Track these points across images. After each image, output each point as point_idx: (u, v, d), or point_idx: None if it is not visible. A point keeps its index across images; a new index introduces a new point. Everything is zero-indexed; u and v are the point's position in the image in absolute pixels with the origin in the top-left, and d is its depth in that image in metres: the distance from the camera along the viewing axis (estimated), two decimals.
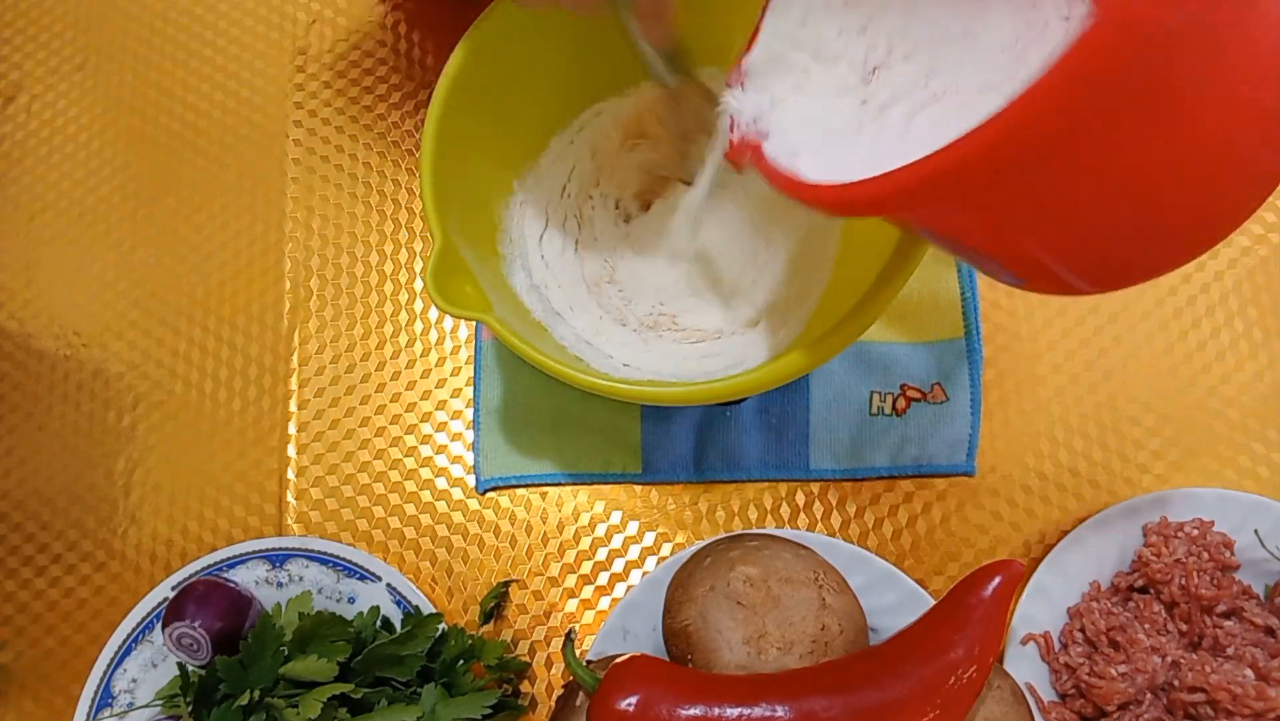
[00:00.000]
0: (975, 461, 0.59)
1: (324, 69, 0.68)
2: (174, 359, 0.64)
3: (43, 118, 0.69)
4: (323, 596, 0.56)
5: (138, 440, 0.62)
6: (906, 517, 0.58)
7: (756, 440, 0.59)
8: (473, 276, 0.50)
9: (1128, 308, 0.61)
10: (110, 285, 0.65)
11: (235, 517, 0.61)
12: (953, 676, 0.46)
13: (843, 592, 0.51)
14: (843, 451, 0.59)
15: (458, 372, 0.62)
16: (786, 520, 0.59)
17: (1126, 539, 0.55)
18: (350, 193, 0.66)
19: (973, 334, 0.60)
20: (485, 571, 0.59)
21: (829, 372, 0.60)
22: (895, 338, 0.60)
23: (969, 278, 0.61)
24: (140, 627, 0.56)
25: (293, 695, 0.49)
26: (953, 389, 0.59)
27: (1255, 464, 0.58)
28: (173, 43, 0.70)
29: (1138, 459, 0.58)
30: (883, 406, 0.59)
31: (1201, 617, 0.52)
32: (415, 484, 0.61)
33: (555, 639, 0.58)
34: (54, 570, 0.61)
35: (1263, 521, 0.54)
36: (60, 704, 0.58)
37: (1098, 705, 0.51)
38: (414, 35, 0.69)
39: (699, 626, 0.49)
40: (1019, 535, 0.58)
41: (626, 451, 0.60)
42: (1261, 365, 0.59)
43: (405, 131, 0.67)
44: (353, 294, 0.64)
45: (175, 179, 0.67)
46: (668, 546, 0.59)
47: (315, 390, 0.62)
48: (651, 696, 0.45)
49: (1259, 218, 0.61)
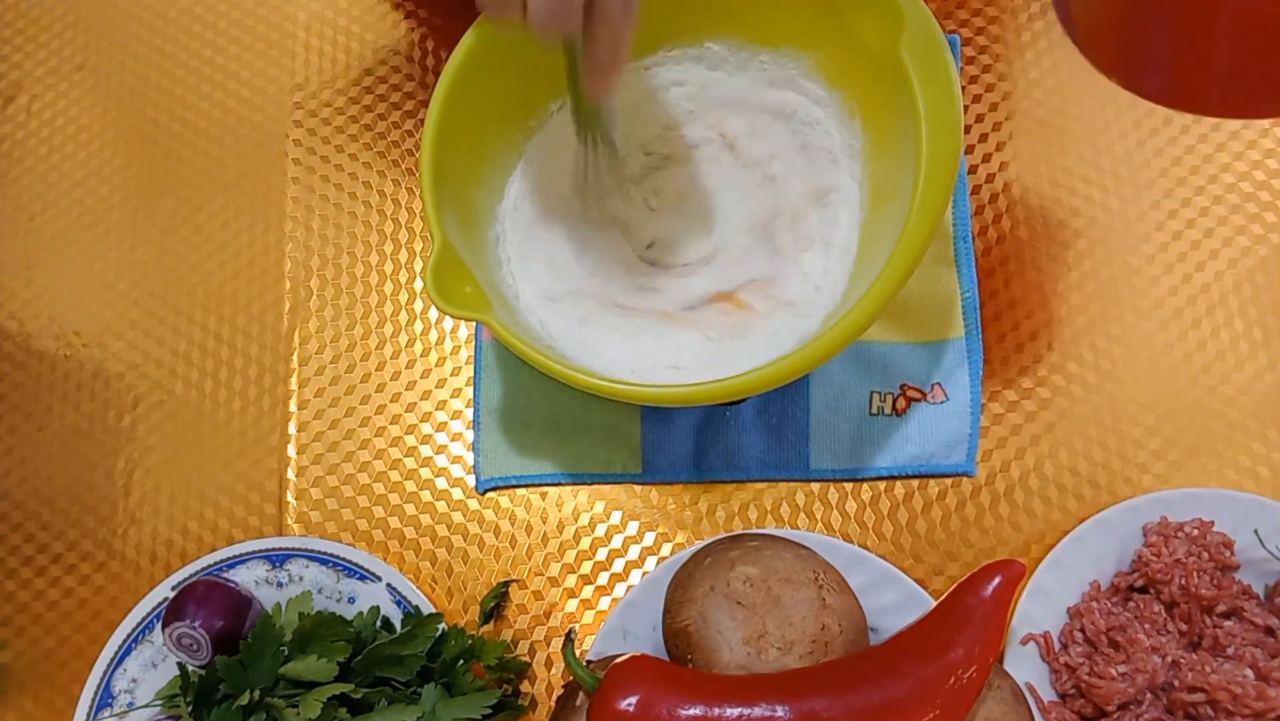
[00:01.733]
0: (975, 461, 0.59)
1: (324, 70, 0.68)
2: (174, 359, 0.64)
3: (43, 118, 0.69)
4: (323, 596, 0.56)
5: (138, 440, 0.62)
6: (906, 517, 0.58)
7: (756, 440, 0.59)
8: (472, 277, 0.50)
9: (1128, 307, 0.61)
10: (110, 285, 0.65)
11: (235, 517, 0.61)
12: (953, 676, 0.46)
13: (843, 592, 0.51)
14: (843, 451, 0.59)
15: (458, 373, 0.62)
16: (786, 520, 0.59)
17: (1126, 539, 0.55)
18: (350, 192, 0.66)
19: (973, 334, 0.60)
20: (485, 571, 0.59)
21: (829, 373, 0.60)
22: (895, 337, 0.60)
23: (969, 277, 0.61)
24: (140, 627, 0.56)
25: (293, 695, 0.49)
26: (953, 389, 0.59)
27: (1255, 464, 0.58)
28: (173, 43, 0.70)
29: (1138, 459, 0.58)
30: (883, 406, 0.59)
31: (1201, 617, 0.52)
32: (415, 484, 0.61)
33: (555, 639, 0.58)
34: (54, 570, 0.61)
35: (1263, 521, 0.54)
36: (60, 704, 0.58)
37: (1098, 705, 0.51)
38: (414, 35, 0.69)
39: (699, 626, 0.49)
40: (1019, 535, 0.58)
41: (626, 451, 0.60)
42: (1261, 365, 0.59)
43: (405, 132, 0.67)
44: (353, 294, 0.64)
45: (175, 179, 0.67)
46: (668, 546, 0.59)
47: (315, 390, 0.62)
48: (651, 696, 0.45)
49: (1259, 218, 0.61)
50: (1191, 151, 0.63)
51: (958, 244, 0.61)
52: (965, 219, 0.62)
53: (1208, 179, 0.62)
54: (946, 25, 0.66)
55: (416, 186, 0.66)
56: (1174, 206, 0.62)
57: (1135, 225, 0.62)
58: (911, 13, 0.48)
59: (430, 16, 0.69)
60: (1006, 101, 0.65)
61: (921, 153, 0.47)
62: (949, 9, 0.66)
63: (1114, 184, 0.63)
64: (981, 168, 0.64)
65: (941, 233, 0.62)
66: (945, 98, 0.47)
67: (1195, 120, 0.63)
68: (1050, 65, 0.65)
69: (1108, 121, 0.64)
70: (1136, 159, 0.63)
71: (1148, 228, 0.62)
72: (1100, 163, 0.63)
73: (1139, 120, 0.64)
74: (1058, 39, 0.65)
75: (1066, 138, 0.64)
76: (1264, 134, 0.63)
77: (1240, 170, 0.62)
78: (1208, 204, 0.62)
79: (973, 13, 0.66)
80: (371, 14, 0.69)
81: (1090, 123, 0.64)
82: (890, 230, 0.49)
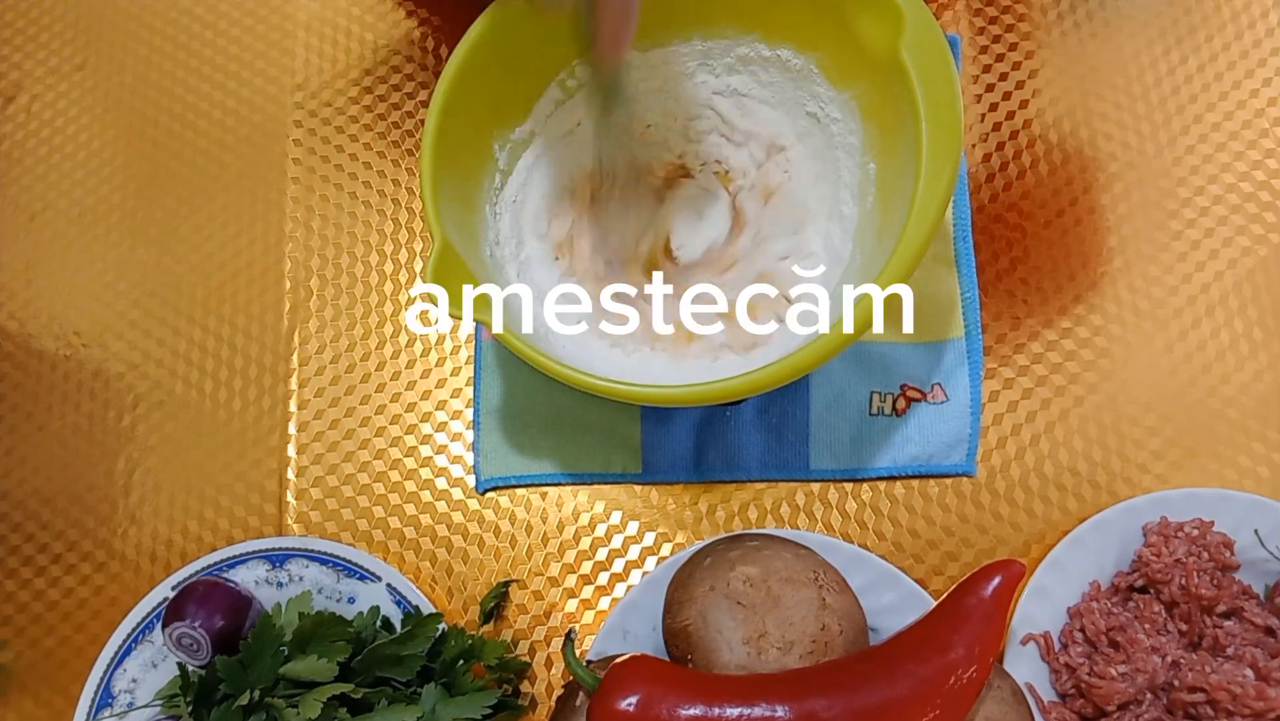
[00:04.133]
0: (975, 462, 0.59)
1: (324, 69, 0.68)
2: (174, 359, 0.64)
3: (43, 118, 0.69)
4: (323, 596, 0.56)
5: (138, 440, 0.62)
6: (906, 518, 0.58)
7: (757, 440, 0.59)
8: (472, 276, 0.50)
9: (1128, 307, 0.61)
10: (110, 285, 0.65)
11: (235, 517, 0.61)
12: (953, 676, 0.46)
13: (843, 592, 0.51)
14: (843, 451, 0.59)
15: (457, 372, 0.62)
16: (786, 520, 0.59)
17: (1126, 539, 0.55)
18: (350, 192, 0.66)
19: (973, 334, 0.60)
20: (485, 571, 0.59)
21: (829, 373, 0.60)
22: (895, 338, 0.60)
23: (969, 278, 0.61)
24: (140, 627, 0.56)
25: (293, 695, 0.49)
26: (953, 389, 0.59)
27: (1255, 464, 0.58)
28: (173, 43, 0.70)
29: (1138, 459, 0.58)
30: (883, 406, 0.59)
31: (1201, 617, 0.52)
32: (415, 484, 0.61)
33: (555, 639, 0.58)
34: (54, 570, 0.61)
35: (1263, 521, 0.54)
36: (60, 704, 0.58)
37: (1098, 705, 0.51)
38: (414, 35, 0.69)
39: (699, 626, 0.49)
40: (1019, 535, 0.58)
41: (626, 451, 0.60)
42: (1261, 365, 0.59)
43: (405, 131, 0.67)
44: (353, 294, 0.64)
45: (175, 179, 0.67)
46: (668, 546, 0.59)
47: (315, 390, 0.62)
48: (651, 696, 0.45)
49: (1259, 217, 0.61)
50: (1191, 151, 0.63)
51: (958, 244, 0.61)
52: (966, 219, 0.62)
53: (1208, 179, 0.62)
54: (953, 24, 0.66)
55: (417, 186, 0.66)
56: (1174, 206, 0.62)
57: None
58: (912, 13, 0.48)
59: (430, 16, 0.69)
60: (1016, 102, 0.65)
61: (922, 153, 0.47)
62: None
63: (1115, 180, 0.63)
64: (993, 157, 0.64)
65: (942, 233, 0.62)
66: (946, 99, 0.47)
67: (1195, 120, 0.63)
68: (1054, 72, 0.65)
69: (1110, 121, 0.64)
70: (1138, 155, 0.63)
71: (1148, 227, 0.62)
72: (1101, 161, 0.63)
73: (1139, 119, 0.64)
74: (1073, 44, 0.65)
75: (1069, 138, 0.64)
76: (1264, 134, 0.63)
77: (1240, 170, 0.62)
78: (1208, 204, 0.62)
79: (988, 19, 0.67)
80: (371, 13, 0.69)
81: (1092, 122, 0.64)
82: (892, 230, 0.49)
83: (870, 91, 0.53)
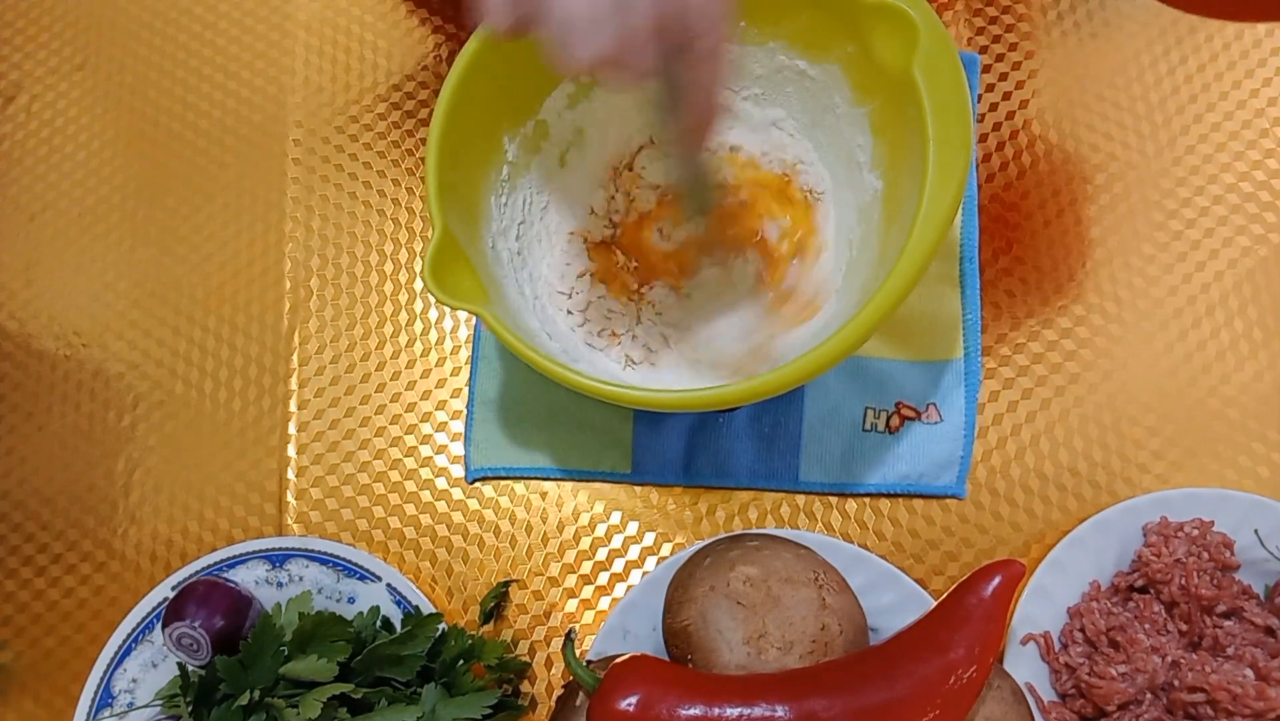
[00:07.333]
0: (965, 485, 0.58)
1: (323, 69, 0.68)
2: (174, 359, 0.64)
3: (43, 118, 0.69)
4: (323, 596, 0.56)
5: (138, 440, 0.62)
6: (906, 518, 0.58)
7: (747, 448, 0.59)
8: (472, 269, 0.50)
9: (1128, 307, 0.61)
10: (110, 285, 0.65)
11: (235, 517, 0.61)
12: (953, 676, 0.46)
13: (843, 592, 0.51)
14: (833, 465, 0.59)
15: (458, 373, 0.62)
16: (786, 520, 0.59)
17: (1126, 539, 0.55)
18: (350, 192, 0.66)
19: (971, 356, 0.59)
20: (485, 571, 0.59)
21: (824, 385, 0.59)
22: (893, 355, 0.59)
23: (973, 300, 0.60)
24: (140, 627, 0.56)
25: (293, 695, 0.49)
26: (947, 410, 0.59)
27: (1255, 464, 0.58)
28: (173, 43, 0.70)
29: (1138, 459, 0.58)
30: (876, 423, 0.59)
31: (1201, 617, 0.52)
32: (415, 484, 0.61)
33: (555, 639, 0.58)
34: (54, 570, 0.61)
35: (1263, 521, 0.54)
36: (60, 704, 0.58)
37: (1098, 705, 0.51)
38: (415, 34, 0.69)
39: (699, 626, 0.49)
40: (1019, 535, 0.58)
41: (617, 451, 0.59)
42: (1261, 365, 0.59)
43: (406, 131, 0.67)
44: (353, 294, 0.64)
45: (175, 179, 0.67)
46: (668, 546, 0.59)
47: (315, 390, 0.62)
48: (651, 696, 0.45)
49: (1258, 217, 0.61)
50: (1191, 151, 0.63)
51: (964, 264, 0.61)
52: (973, 240, 0.61)
53: (1208, 179, 0.62)
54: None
55: (417, 186, 0.66)
56: (1173, 206, 0.62)
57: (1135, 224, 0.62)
58: (927, 31, 0.47)
59: (431, 15, 0.69)
60: (1016, 102, 0.65)
61: (928, 170, 0.46)
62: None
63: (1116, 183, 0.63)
64: (994, 156, 0.64)
65: (948, 252, 0.61)
66: (956, 118, 0.46)
67: (1195, 120, 0.63)
68: (1054, 72, 0.65)
69: (1110, 121, 0.64)
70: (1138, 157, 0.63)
71: (1148, 227, 0.62)
72: (1102, 161, 0.63)
73: (1139, 119, 0.64)
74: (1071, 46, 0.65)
75: (1073, 137, 0.64)
76: (1264, 134, 0.63)
77: (1240, 170, 0.62)
78: (1208, 204, 0.62)
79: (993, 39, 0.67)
80: (371, 13, 0.69)
81: (1094, 122, 0.64)
82: (895, 249, 0.48)
83: (882, 107, 0.53)
